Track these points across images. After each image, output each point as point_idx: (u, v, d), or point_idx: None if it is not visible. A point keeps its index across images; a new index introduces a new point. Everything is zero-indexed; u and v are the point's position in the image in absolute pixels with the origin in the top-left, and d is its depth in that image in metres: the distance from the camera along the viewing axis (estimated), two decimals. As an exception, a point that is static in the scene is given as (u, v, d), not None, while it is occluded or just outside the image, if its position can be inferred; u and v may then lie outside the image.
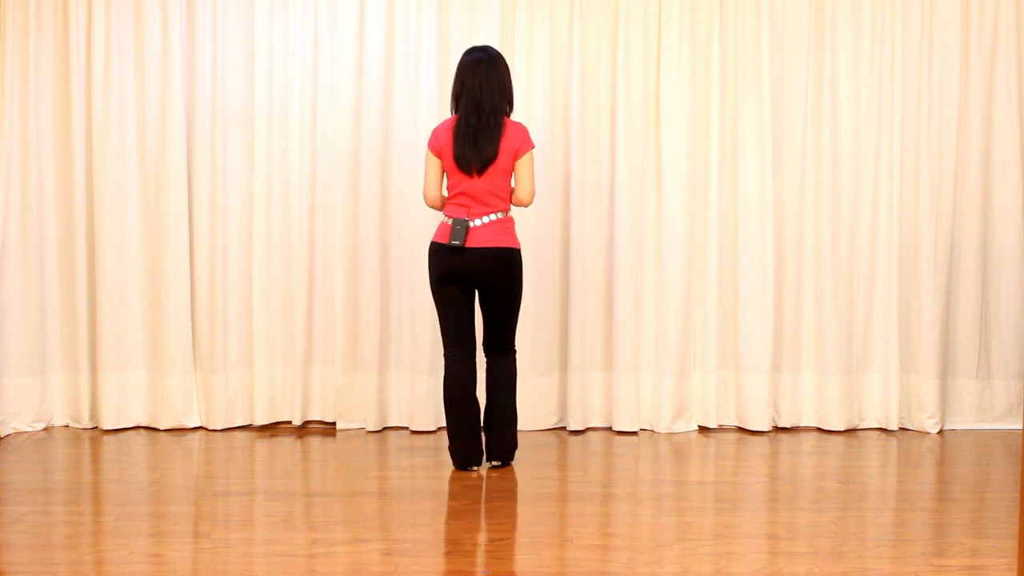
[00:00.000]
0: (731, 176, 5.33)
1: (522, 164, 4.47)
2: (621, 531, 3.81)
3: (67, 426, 5.33)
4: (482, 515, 3.98)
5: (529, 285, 5.16)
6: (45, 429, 5.27)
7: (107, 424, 5.25)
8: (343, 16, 5.26)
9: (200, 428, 5.33)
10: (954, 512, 4.00)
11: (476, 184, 4.45)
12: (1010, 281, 5.38)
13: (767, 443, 5.13)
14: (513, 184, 4.53)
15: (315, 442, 5.12)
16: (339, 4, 5.26)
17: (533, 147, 4.50)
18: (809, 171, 5.33)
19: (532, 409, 5.31)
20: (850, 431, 5.36)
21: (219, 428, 5.29)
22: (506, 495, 4.25)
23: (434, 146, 4.51)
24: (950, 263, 5.36)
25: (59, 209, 5.25)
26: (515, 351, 4.63)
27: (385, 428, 5.33)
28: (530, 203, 4.55)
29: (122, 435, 5.21)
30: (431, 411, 5.25)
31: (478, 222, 4.43)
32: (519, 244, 4.55)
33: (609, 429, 5.34)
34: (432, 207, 4.60)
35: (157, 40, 5.22)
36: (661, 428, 5.30)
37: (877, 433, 5.34)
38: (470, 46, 4.72)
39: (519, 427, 5.28)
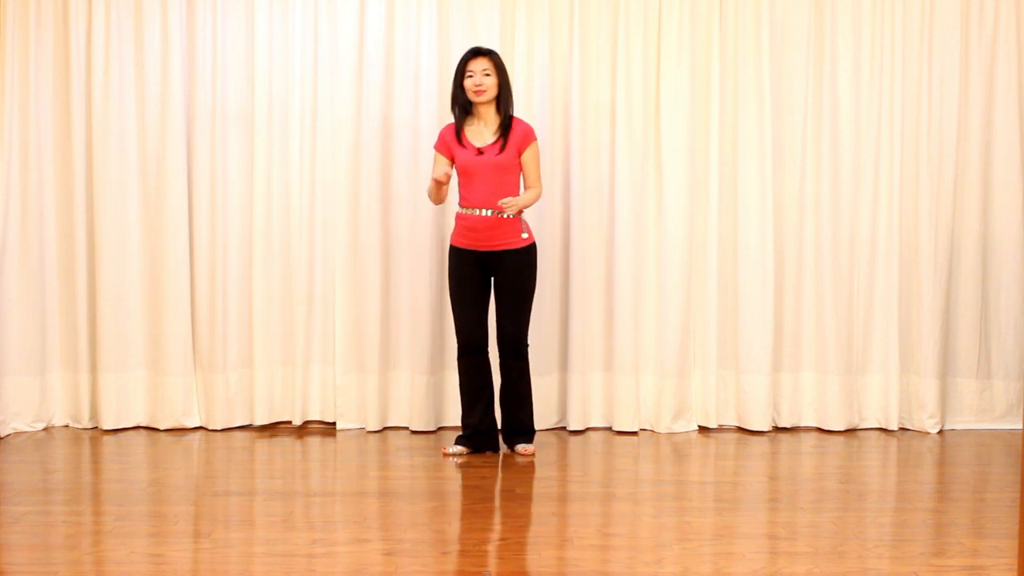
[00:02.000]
0: (731, 176, 5.33)
1: None
2: (621, 531, 3.81)
3: (67, 426, 5.33)
4: (482, 515, 3.98)
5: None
6: (45, 429, 5.27)
7: (107, 424, 5.25)
8: (343, 16, 5.26)
9: (200, 428, 5.33)
10: (954, 512, 4.00)
11: None
12: (1010, 281, 5.37)
13: (767, 443, 5.13)
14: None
15: (315, 442, 5.12)
16: (339, 4, 5.26)
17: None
18: (809, 171, 5.33)
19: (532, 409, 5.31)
20: (850, 431, 5.36)
21: (219, 428, 5.28)
22: (506, 495, 4.25)
23: None
24: (950, 263, 5.36)
25: (59, 209, 5.25)
26: None
27: (385, 428, 5.33)
28: None
29: (122, 435, 5.21)
30: (431, 411, 5.26)
31: None
32: (451, 239, 4.86)
33: (609, 429, 5.34)
34: None
35: (157, 40, 5.22)
36: (661, 428, 5.30)
37: (877, 433, 5.34)
38: (476, 46, 4.81)
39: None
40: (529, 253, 4.75)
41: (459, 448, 4.80)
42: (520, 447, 4.82)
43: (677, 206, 5.28)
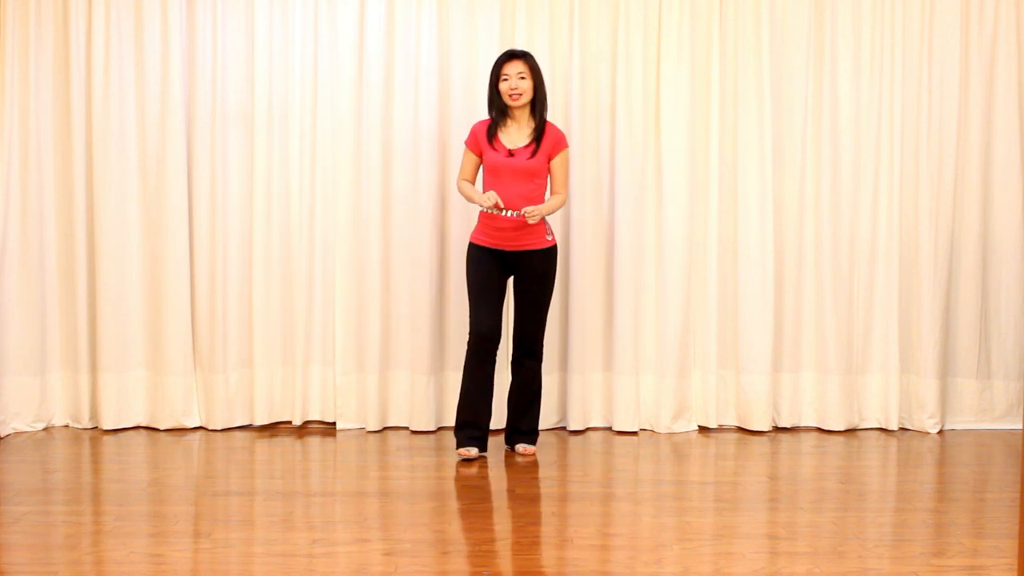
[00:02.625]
0: (731, 176, 5.33)
1: None
2: (621, 531, 3.81)
3: (67, 426, 5.33)
4: (482, 515, 3.98)
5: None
6: (45, 429, 5.27)
7: (107, 424, 5.25)
8: (343, 16, 5.26)
9: (200, 428, 5.33)
10: (954, 512, 4.00)
11: None
12: (1010, 281, 5.38)
13: (767, 443, 5.13)
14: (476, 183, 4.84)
15: (315, 442, 5.12)
16: (339, 4, 5.26)
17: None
18: (809, 171, 5.33)
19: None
20: (850, 431, 5.36)
21: (219, 428, 5.28)
22: (506, 495, 4.25)
23: None
24: (950, 263, 5.36)
25: (59, 209, 5.25)
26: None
27: (385, 428, 5.33)
28: None
29: (122, 435, 5.21)
30: (431, 411, 5.25)
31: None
32: (471, 237, 4.79)
33: (609, 429, 5.34)
34: None
35: (157, 40, 5.22)
36: (661, 428, 5.30)
37: (877, 433, 5.34)
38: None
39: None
40: (552, 254, 4.74)
41: (475, 450, 4.72)
42: (521, 447, 4.82)
43: (677, 206, 5.28)
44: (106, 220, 5.22)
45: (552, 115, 5.27)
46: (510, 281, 4.82)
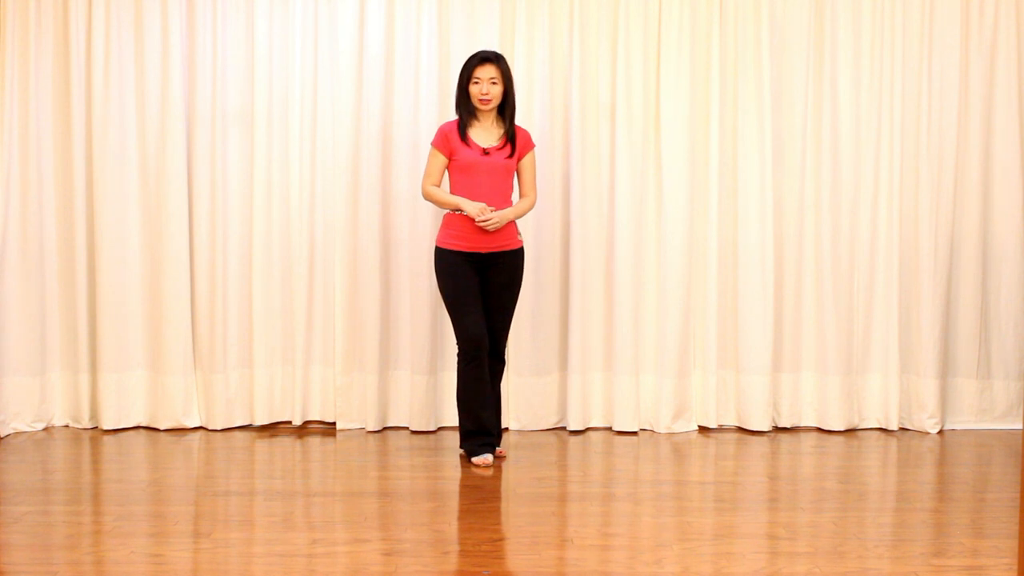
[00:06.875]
0: (731, 176, 5.33)
1: None
2: (621, 531, 3.81)
3: (67, 426, 5.33)
4: (482, 515, 3.98)
5: (529, 285, 5.17)
6: (45, 429, 5.27)
7: (107, 424, 5.25)
8: (343, 16, 5.26)
9: (200, 428, 5.33)
10: (954, 512, 4.00)
11: None
12: (1010, 281, 5.38)
13: (767, 443, 5.13)
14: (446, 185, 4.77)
15: (315, 442, 5.12)
16: (339, 4, 5.26)
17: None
18: (809, 171, 5.33)
19: (532, 409, 5.31)
20: (850, 431, 5.36)
21: (219, 428, 5.28)
22: (506, 495, 4.25)
23: None
24: (950, 263, 5.36)
25: (59, 209, 5.25)
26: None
27: (385, 428, 5.33)
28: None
29: (122, 435, 5.21)
30: (431, 411, 5.25)
31: None
32: (439, 242, 4.66)
33: (609, 429, 5.34)
34: None
35: (157, 40, 5.22)
36: (661, 428, 5.30)
37: (877, 433, 5.34)
38: (478, 49, 4.79)
39: (521, 427, 5.32)
40: (522, 255, 4.72)
41: (491, 457, 4.65)
42: (496, 450, 4.78)
43: (677, 206, 5.28)
44: (106, 220, 5.22)
45: (552, 115, 5.28)
46: None
